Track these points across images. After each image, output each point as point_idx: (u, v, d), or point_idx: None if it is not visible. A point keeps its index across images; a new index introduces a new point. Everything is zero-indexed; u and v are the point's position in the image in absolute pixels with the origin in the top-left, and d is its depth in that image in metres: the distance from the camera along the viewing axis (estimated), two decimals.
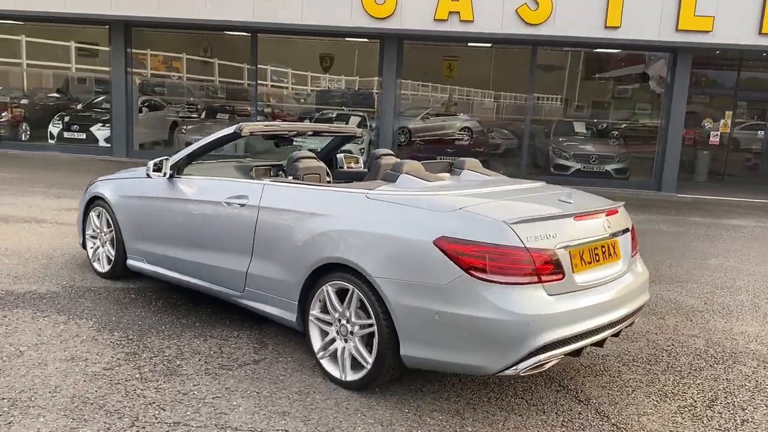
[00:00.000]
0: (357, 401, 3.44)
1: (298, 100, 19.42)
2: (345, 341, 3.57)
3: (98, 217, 5.33)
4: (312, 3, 12.91)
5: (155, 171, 4.64)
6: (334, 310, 3.59)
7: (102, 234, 5.32)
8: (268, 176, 4.96)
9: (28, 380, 3.48)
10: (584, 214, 3.43)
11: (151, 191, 4.81)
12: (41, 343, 3.97)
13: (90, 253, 5.48)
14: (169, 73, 18.78)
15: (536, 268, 3.13)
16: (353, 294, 3.47)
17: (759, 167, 17.22)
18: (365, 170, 5.28)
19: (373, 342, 3.40)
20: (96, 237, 5.40)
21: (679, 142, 13.52)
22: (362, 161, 5.73)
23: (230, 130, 4.50)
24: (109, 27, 14.33)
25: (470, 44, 14.89)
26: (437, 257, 3.17)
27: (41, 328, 4.20)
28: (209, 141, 4.60)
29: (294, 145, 5.35)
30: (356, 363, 3.52)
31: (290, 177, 4.33)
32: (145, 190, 4.87)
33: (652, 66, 15.42)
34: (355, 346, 3.50)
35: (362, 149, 15.03)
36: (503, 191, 3.82)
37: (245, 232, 4.08)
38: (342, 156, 5.72)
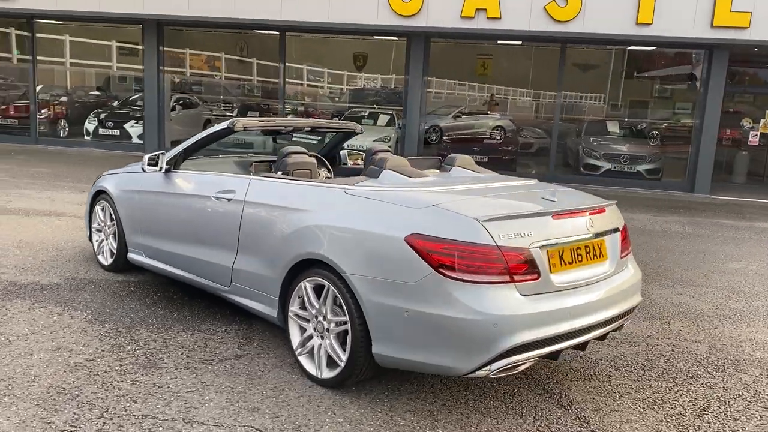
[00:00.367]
0: (330, 399, 3.40)
1: (333, 99, 19.52)
2: (321, 338, 3.54)
3: (102, 211, 5.42)
4: (338, 1, 12.91)
5: (150, 165, 4.68)
6: (312, 307, 3.56)
7: (106, 227, 5.40)
8: (267, 172, 4.96)
9: (10, 369, 3.54)
10: (563, 213, 3.31)
11: (149, 185, 4.86)
12: (31, 333, 4.04)
13: (95, 246, 5.57)
14: (207, 72, 19.10)
15: (508, 268, 3.04)
16: (329, 291, 3.43)
17: None
18: None
19: (347, 340, 3.36)
20: (101, 230, 5.49)
21: (714, 142, 13.08)
22: None
23: (224, 125, 4.51)
24: (143, 26, 14.61)
25: (504, 42, 14.71)
26: (408, 254, 3.11)
27: (35, 319, 4.28)
28: (203, 136, 4.62)
29: (295, 141, 5.34)
30: (332, 361, 3.48)
31: (279, 172, 4.32)
32: (143, 185, 4.93)
33: (699, 67, 14.95)
34: (331, 344, 3.46)
35: (389, 147, 14.98)
36: (487, 188, 3.72)
37: (231, 227, 4.08)
38: (345, 153, 5.69)
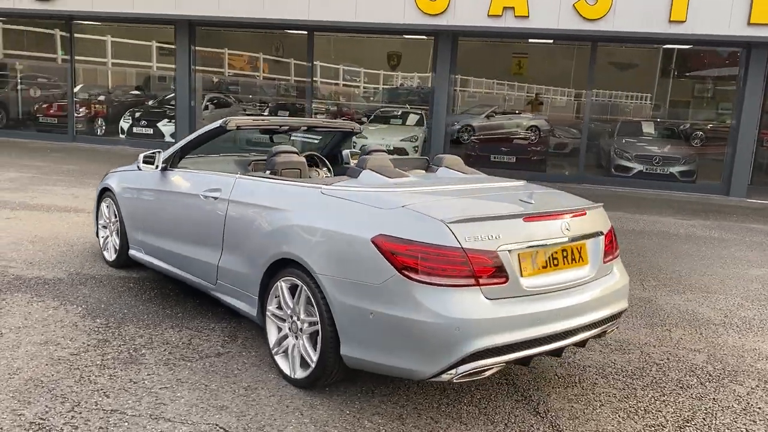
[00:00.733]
0: (301, 400, 3.39)
1: (367, 99, 19.58)
2: (296, 338, 3.53)
3: (107, 208, 5.52)
4: (365, 1, 12.91)
5: (145, 163, 4.75)
6: (287, 307, 3.56)
7: (110, 224, 5.50)
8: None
9: None
10: (536, 216, 3.22)
11: (147, 183, 4.94)
12: (24, 327, 4.14)
13: (101, 242, 5.68)
14: (244, 72, 19.39)
15: (474, 270, 2.98)
16: (302, 291, 3.42)
17: None
18: None
19: (317, 340, 3.35)
20: (106, 227, 5.60)
21: (752, 144, 12.65)
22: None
23: (216, 124, 4.54)
24: (175, 26, 14.88)
25: (538, 41, 14.51)
26: (373, 255, 3.07)
27: (31, 312, 4.39)
28: (197, 135, 4.66)
29: (294, 140, 5.35)
30: (305, 361, 3.46)
31: (268, 171, 4.33)
32: (142, 182, 5.00)
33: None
34: (303, 344, 3.46)
35: (416, 147, 14.94)
36: (466, 189, 3.66)
37: (217, 226, 4.11)
38: (348, 152, 5.67)
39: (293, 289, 3.52)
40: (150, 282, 5.18)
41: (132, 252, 5.19)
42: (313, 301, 3.33)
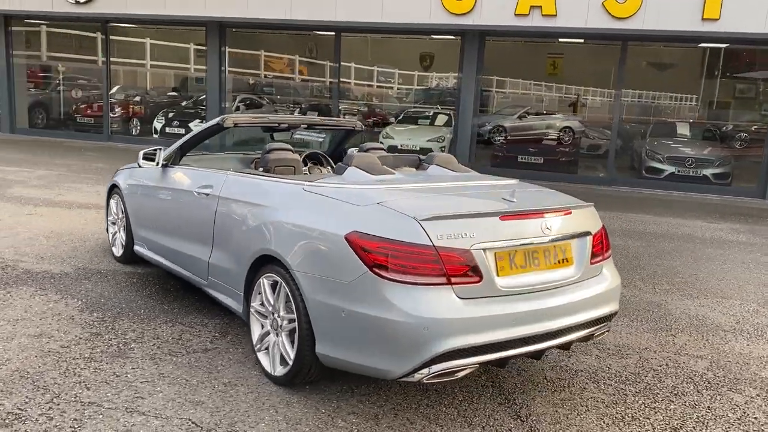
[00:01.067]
0: (278, 397, 3.37)
1: (400, 99, 19.57)
2: (276, 335, 3.52)
3: (116, 205, 5.61)
4: (391, 1, 12.89)
5: (144, 160, 4.81)
6: (268, 304, 3.55)
7: (118, 220, 5.59)
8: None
9: None
10: (513, 215, 3.14)
11: (149, 180, 5.00)
12: (22, 319, 4.23)
13: (110, 238, 5.78)
14: (279, 74, 19.60)
15: (445, 269, 2.92)
16: (281, 287, 3.41)
17: None
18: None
19: (295, 338, 3.33)
20: (114, 223, 5.69)
21: None
22: None
23: (214, 122, 4.57)
24: (206, 28, 15.10)
25: (572, 40, 14.30)
26: (346, 252, 3.04)
27: (31, 305, 4.48)
28: (196, 133, 4.70)
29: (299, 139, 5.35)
30: (284, 358, 3.45)
31: (260, 168, 4.33)
32: (145, 180, 5.07)
33: None
34: (282, 341, 3.44)
35: (443, 148, 14.84)
36: (448, 187, 3.60)
37: (208, 222, 4.13)
38: (352, 150, 5.64)
39: (274, 286, 3.51)
40: (153, 278, 5.24)
41: (136, 248, 5.26)
42: (291, 298, 3.31)
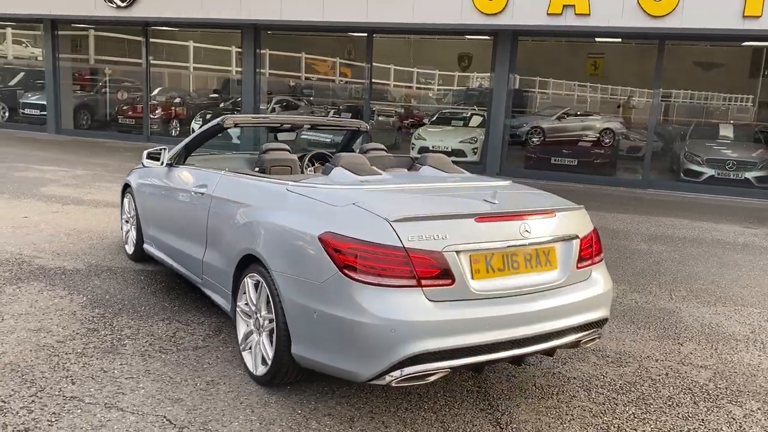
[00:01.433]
0: (257, 397, 3.37)
1: (439, 100, 19.51)
2: (259, 335, 3.52)
3: (128, 203, 5.73)
4: (423, 1, 12.83)
5: (148, 159, 4.89)
6: (252, 303, 3.55)
7: (131, 219, 5.70)
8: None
9: None
10: (489, 216, 3.07)
11: (155, 179, 5.08)
12: (25, 314, 4.34)
13: (123, 236, 5.90)
14: (319, 75, 19.79)
15: (415, 271, 2.87)
16: (262, 287, 3.41)
17: None
18: None
19: (273, 338, 3.32)
20: (128, 221, 5.80)
21: None
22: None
23: (215, 122, 4.61)
24: (241, 31, 15.32)
25: (613, 40, 14.03)
26: (319, 253, 3.02)
27: (38, 300, 4.60)
28: (199, 133, 4.76)
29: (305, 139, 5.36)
30: (264, 358, 3.45)
31: (256, 168, 4.35)
32: (152, 179, 5.15)
33: None
34: (263, 341, 3.44)
35: (475, 149, 14.70)
36: (431, 188, 3.54)
37: (203, 221, 4.17)
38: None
39: (257, 286, 3.51)
40: (160, 276, 5.32)
41: (145, 246, 5.35)
42: (270, 298, 3.31)
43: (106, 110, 18.84)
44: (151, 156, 4.89)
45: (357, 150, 5.43)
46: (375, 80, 18.29)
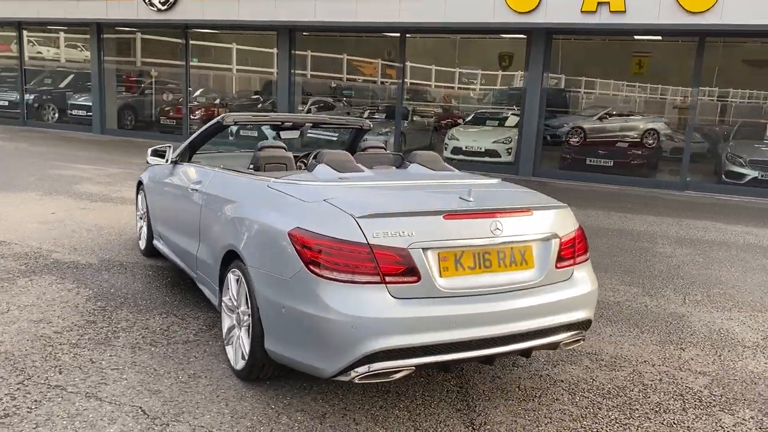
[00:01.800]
0: (234, 391, 3.40)
1: (479, 100, 19.36)
2: (239, 330, 3.55)
3: (141, 200, 5.87)
4: (455, 1, 12.75)
5: (153, 156, 4.99)
6: (234, 298, 3.59)
7: (143, 215, 5.84)
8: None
9: None
10: (458, 214, 3.01)
11: (161, 177, 5.19)
12: (30, 305, 4.49)
13: (138, 232, 6.04)
14: (358, 76, 19.89)
15: (380, 268, 2.85)
16: (242, 282, 3.44)
17: None
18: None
19: (250, 333, 3.35)
20: (141, 218, 5.94)
21: None
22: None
23: (215, 121, 4.68)
24: (277, 33, 15.52)
25: (659, 39, 13.72)
26: (288, 249, 3.03)
27: (45, 293, 4.75)
28: (201, 132, 4.83)
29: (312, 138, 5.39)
30: (243, 353, 3.48)
31: (251, 166, 4.39)
32: (159, 176, 5.26)
33: None
34: (242, 336, 3.47)
35: (509, 149, 14.52)
36: (412, 185, 3.50)
37: (196, 217, 4.23)
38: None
39: (239, 281, 3.54)
40: (167, 271, 5.42)
41: (154, 241, 5.47)
42: (247, 294, 3.34)
43: (151, 111, 19.34)
44: (156, 153, 4.99)
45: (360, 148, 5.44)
46: (415, 81, 18.29)
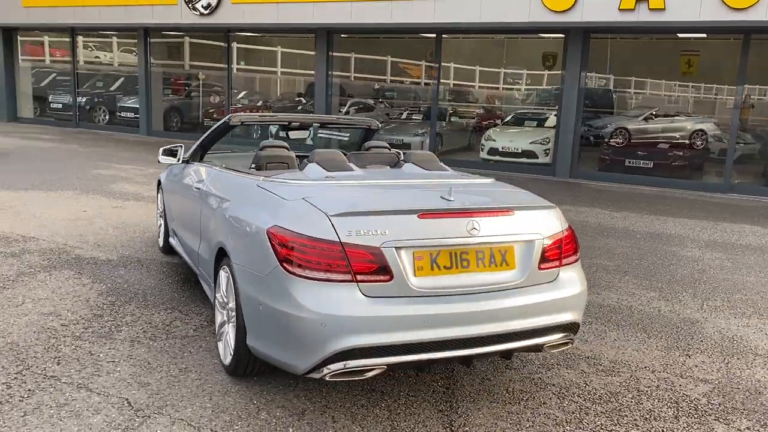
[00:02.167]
0: (221, 386, 3.46)
1: (523, 101, 19.15)
2: (228, 325, 3.61)
3: (160, 198, 6.02)
4: (490, 1, 12.65)
5: (164, 156, 5.11)
6: (224, 295, 3.65)
7: (162, 213, 5.99)
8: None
9: None
10: (432, 213, 2.99)
11: (174, 176, 5.31)
12: (44, 299, 4.66)
13: (158, 230, 6.20)
14: (401, 78, 19.96)
15: (351, 266, 2.85)
16: (230, 279, 3.50)
17: None
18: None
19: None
20: (161, 216, 6.10)
21: None
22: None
23: (222, 121, 4.77)
24: (315, 35, 15.67)
25: (698, 36, 13.34)
26: (266, 246, 3.06)
27: (61, 287, 4.92)
28: (210, 132, 4.93)
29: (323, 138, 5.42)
30: (230, 349, 3.53)
31: (253, 165, 4.45)
32: (173, 175, 5.39)
33: None
34: (229, 332, 3.53)
35: (547, 150, 14.30)
36: (398, 184, 3.49)
37: (197, 215, 4.32)
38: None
39: (228, 278, 3.60)
40: (181, 268, 5.54)
41: (170, 239, 5.61)
42: (233, 290, 3.39)
43: (198, 113, 19.80)
44: (167, 152, 5.11)
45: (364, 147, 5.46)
46: (458, 81, 18.21)
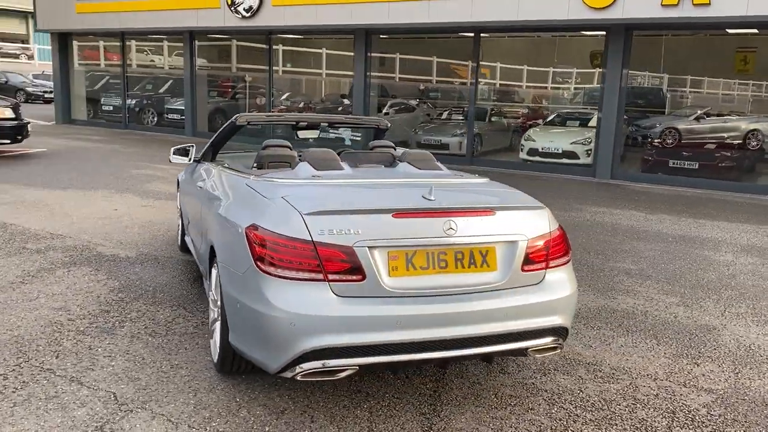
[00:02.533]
0: (208, 382, 3.48)
1: (570, 100, 18.80)
2: (218, 323, 3.63)
3: (178, 198, 6.12)
4: None
5: (175, 155, 5.19)
6: (214, 293, 3.68)
7: (180, 212, 6.10)
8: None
9: (10, 317, 4.28)
10: (407, 212, 2.93)
11: (187, 175, 5.40)
12: (58, 294, 4.80)
13: (178, 228, 6.32)
14: (447, 79, 19.88)
15: (323, 265, 2.83)
16: (218, 277, 3.52)
17: None
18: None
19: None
20: (180, 215, 6.21)
21: None
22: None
23: (230, 121, 4.82)
24: (354, 35, 15.73)
25: (749, 31, 12.84)
26: (243, 245, 3.07)
27: (76, 283, 5.06)
28: (220, 132, 4.98)
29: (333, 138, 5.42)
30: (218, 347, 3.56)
31: (255, 165, 4.47)
32: (186, 175, 5.48)
33: None
34: (217, 329, 3.55)
35: (589, 151, 13.97)
36: (384, 183, 3.45)
37: (199, 214, 4.37)
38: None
39: (217, 276, 3.63)
40: (196, 266, 5.61)
41: (185, 237, 5.70)
42: (219, 288, 3.42)
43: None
44: (178, 152, 5.19)
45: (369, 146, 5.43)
46: (504, 81, 18.00)
